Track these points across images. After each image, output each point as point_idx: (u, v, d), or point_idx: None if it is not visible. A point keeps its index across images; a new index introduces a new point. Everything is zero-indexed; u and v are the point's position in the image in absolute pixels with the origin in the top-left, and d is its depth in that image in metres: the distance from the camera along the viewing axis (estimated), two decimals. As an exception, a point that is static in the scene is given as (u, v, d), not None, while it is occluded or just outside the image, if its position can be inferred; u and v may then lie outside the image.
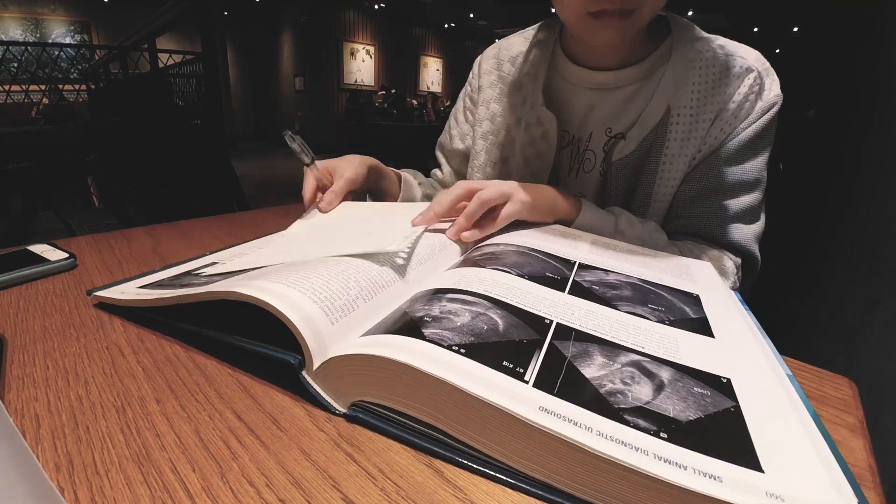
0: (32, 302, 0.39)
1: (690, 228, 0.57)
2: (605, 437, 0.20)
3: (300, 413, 0.26)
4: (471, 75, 0.73)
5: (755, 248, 0.56)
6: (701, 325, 0.31)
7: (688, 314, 0.33)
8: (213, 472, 0.22)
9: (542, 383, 0.23)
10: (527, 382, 0.23)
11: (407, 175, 0.70)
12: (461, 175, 0.75)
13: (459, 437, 0.23)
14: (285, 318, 0.26)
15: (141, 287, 0.38)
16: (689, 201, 0.56)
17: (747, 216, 0.56)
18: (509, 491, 0.22)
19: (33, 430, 0.24)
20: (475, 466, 0.23)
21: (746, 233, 0.56)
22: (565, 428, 0.20)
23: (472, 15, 8.50)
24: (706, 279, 0.41)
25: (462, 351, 0.24)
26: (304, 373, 0.27)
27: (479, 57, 0.72)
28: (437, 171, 0.79)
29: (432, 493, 0.22)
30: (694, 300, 0.35)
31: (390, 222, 0.49)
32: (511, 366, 0.24)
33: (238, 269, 0.42)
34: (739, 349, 0.29)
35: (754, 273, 0.57)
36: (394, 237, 0.41)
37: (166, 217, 0.68)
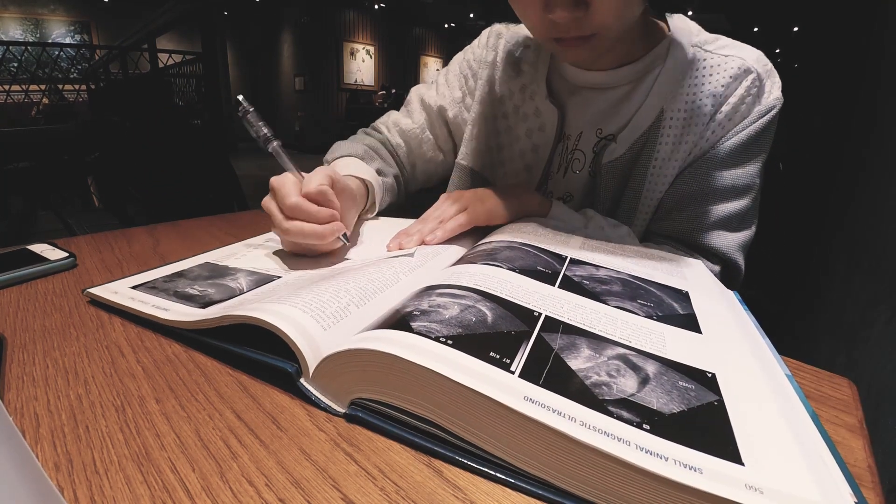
0: (32, 301, 0.39)
1: (672, 232, 0.56)
2: (589, 427, 0.20)
3: (300, 413, 0.26)
4: (476, 44, 0.69)
5: (738, 257, 0.54)
6: (689, 321, 0.31)
7: (676, 310, 0.33)
8: (212, 472, 0.22)
9: (527, 374, 0.23)
10: (513, 373, 0.23)
11: (374, 180, 0.59)
12: (432, 132, 0.70)
13: (453, 428, 0.23)
14: (276, 329, 0.27)
15: (133, 287, 0.38)
16: (674, 204, 0.55)
17: (733, 223, 0.54)
18: (509, 491, 0.22)
19: (33, 430, 0.24)
20: (473, 465, 0.23)
21: (730, 240, 0.54)
22: (549, 417, 0.20)
23: (472, 15, 8.50)
24: (697, 277, 0.41)
25: (449, 342, 0.24)
26: (301, 380, 0.27)
27: (487, 29, 0.68)
28: (399, 120, 0.71)
29: (432, 492, 0.22)
30: (683, 297, 0.35)
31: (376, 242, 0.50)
32: (498, 356, 0.24)
33: (232, 268, 0.42)
34: (726, 345, 0.29)
35: (736, 283, 0.55)
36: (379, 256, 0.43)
37: (166, 217, 0.68)
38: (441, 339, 0.25)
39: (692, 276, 0.41)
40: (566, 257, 0.40)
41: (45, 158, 2.40)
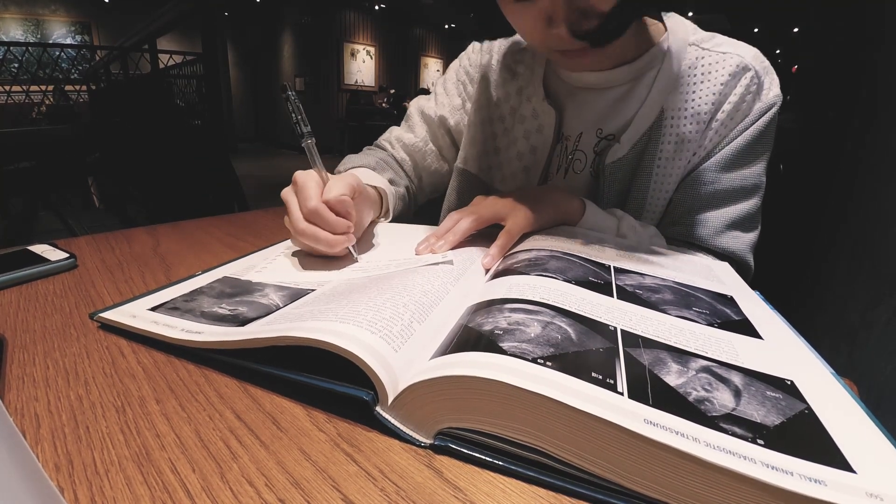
0: (33, 302, 0.39)
1: (687, 237, 0.55)
2: (713, 447, 0.20)
3: (300, 413, 0.26)
4: (470, 49, 0.70)
5: (750, 258, 0.55)
6: (746, 327, 0.31)
7: (730, 316, 0.32)
8: (212, 473, 0.22)
9: (635, 394, 0.22)
10: (621, 394, 0.22)
11: (387, 188, 0.60)
12: (435, 143, 0.71)
13: (564, 456, 0.22)
14: (350, 355, 0.25)
15: (152, 309, 0.35)
16: (685, 209, 0.55)
17: (745, 224, 0.54)
18: (508, 491, 0.22)
19: (33, 430, 0.24)
20: (582, 491, 0.22)
21: (744, 241, 0.54)
22: (674, 440, 0.20)
23: (472, 15, 8.49)
24: (731, 279, 0.41)
25: (549, 364, 0.23)
26: (378, 408, 0.25)
27: None
28: (402, 136, 0.71)
29: (432, 493, 0.22)
30: (729, 301, 0.35)
31: (401, 248, 0.48)
32: (600, 377, 0.23)
33: (257, 282, 0.40)
34: (788, 349, 0.29)
35: (746, 282, 0.56)
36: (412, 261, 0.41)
37: (166, 217, 0.68)
38: (539, 360, 0.24)
39: (728, 280, 0.40)
40: (609, 266, 0.39)
41: (45, 159, 2.41)
